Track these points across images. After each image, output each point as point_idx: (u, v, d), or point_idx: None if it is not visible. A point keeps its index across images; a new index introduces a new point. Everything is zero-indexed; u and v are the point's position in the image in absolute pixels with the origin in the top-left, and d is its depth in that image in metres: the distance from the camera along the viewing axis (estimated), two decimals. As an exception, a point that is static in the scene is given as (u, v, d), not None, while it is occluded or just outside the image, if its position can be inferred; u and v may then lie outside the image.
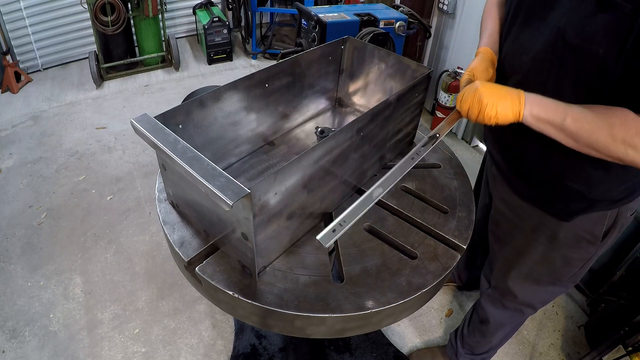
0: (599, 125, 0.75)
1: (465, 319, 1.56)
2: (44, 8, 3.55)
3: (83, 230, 2.25)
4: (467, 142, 3.07)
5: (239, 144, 1.13)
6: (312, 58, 1.22)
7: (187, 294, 1.94)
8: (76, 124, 3.12)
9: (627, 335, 1.43)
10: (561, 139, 0.80)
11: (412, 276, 0.89)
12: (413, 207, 1.05)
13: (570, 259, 1.10)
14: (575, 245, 1.06)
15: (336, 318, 0.81)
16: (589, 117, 0.76)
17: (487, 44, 1.04)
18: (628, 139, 0.73)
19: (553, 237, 1.07)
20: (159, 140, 0.76)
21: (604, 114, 0.76)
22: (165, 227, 0.95)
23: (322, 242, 0.74)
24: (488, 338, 1.46)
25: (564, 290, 1.25)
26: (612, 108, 0.75)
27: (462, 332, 1.56)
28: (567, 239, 1.06)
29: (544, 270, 1.16)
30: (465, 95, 0.87)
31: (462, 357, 1.57)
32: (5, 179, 2.57)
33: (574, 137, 0.78)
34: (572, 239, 1.05)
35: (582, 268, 1.12)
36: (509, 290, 1.27)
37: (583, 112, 0.77)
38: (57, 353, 1.70)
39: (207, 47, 3.94)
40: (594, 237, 1.03)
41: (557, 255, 1.10)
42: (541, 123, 0.81)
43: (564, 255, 1.09)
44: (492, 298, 1.37)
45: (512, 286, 1.26)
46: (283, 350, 1.67)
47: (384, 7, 2.76)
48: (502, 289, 1.30)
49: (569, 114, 0.77)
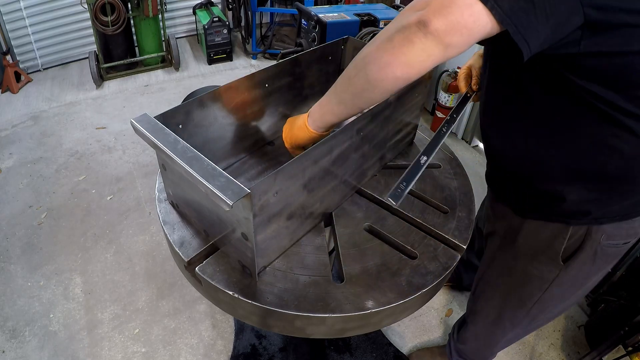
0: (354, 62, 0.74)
1: (456, 324, 1.56)
2: (44, 8, 3.55)
3: (83, 230, 2.25)
4: (467, 142, 3.07)
5: (239, 144, 1.13)
6: (312, 58, 1.22)
7: (187, 294, 1.94)
8: (76, 124, 3.12)
9: (627, 335, 1.43)
10: (350, 106, 0.79)
11: (412, 276, 0.89)
12: (413, 207, 1.05)
13: (531, 275, 1.02)
14: (533, 257, 0.99)
15: (336, 318, 0.81)
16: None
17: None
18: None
19: (513, 240, 1.01)
20: (159, 140, 0.76)
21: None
22: (165, 227, 0.95)
23: (393, 201, 0.74)
24: (465, 352, 1.47)
25: (531, 327, 1.16)
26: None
27: (454, 334, 1.56)
28: (526, 247, 1.00)
29: (506, 282, 1.11)
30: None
31: (456, 357, 1.57)
32: (5, 179, 2.57)
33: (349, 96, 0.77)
34: (530, 248, 0.99)
35: (545, 293, 1.02)
36: (473, 309, 1.28)
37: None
38: (57, 353, 1.70)
39: (207, 47, 3.94)
40: (553, 252, 0.94)
41: (518, 265, 1.04)
42: (326, 116, 0.85)
43: (524, 268, 1.02)
44: (469, 308, 1.37)
45: (478, 296, 1.25)
46: (283, 350, 1.67)
47: (384, 7, 2.77)
48: (468, 309, 1.32)
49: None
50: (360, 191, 1.10)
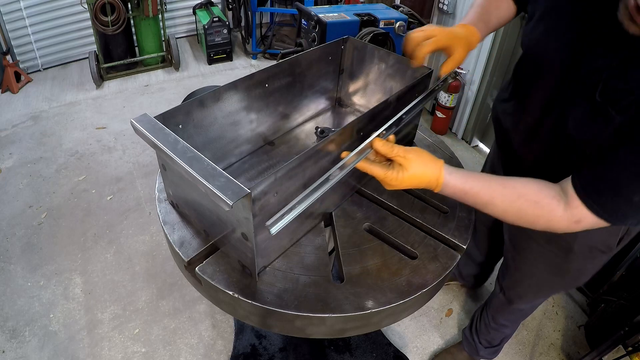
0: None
1: (476, 316, 1.61)
2: (44, 8, 3.55)
3: (83, 230, 2.25)
4: (467, 142, 3.07)
5: (239, 144, 1.13)
6: (312, 58, 1.22)
7: (187, 294, 1.94)
8: (76, 124, 3.12)
9: (627, 335, 1.43)
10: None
11: (412, 276, 0.89)
12: (413, 207, 1.05)
13: (585, 270, 1.10)
14: (589, 256, 1.05)
15: (336, 318, 0.81)
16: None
17: (475, 24, 0.99)
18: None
19: (568, 248, 1.05)
20: (159, 140, 0.76)
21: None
22: (165, 227, 0.95)
23: (270, 230, 0.67)
24: (501, 330, 1.51)
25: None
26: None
27: (476, 328, 1.59)
28: (582, 251, 1.04)
29: (556, 280, 1.15)
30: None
31: (483, 350, 1.61)
32: (5, 179, 2.57)
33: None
34: (586, 250, 1.04)
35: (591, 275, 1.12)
36: (519, 296, 1.30)
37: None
38: (57, 353, 1.70)
39: (207, 47, 3.94)
40: (608, 247, 1.01)
41: (571, 267, 1.09)
42: (457, 195, 0.83)
43: (578, 267, 1.09)
44: (501, 302, 1.40)
45: (523, 294, 1.28)
46: (283, 350, 1.67)
47: (384, 7, 2.76)
48: (512, 296, 1.33)
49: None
50: (360, 191, 1.10)
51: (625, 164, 0.69)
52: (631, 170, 0.68)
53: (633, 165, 0.67)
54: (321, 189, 0.73)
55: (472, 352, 1.65)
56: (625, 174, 0.69)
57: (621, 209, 0.72)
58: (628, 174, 0.68)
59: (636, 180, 0.68)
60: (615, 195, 0.71)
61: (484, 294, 2.03)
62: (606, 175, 0.71)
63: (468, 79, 2.90)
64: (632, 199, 0.70)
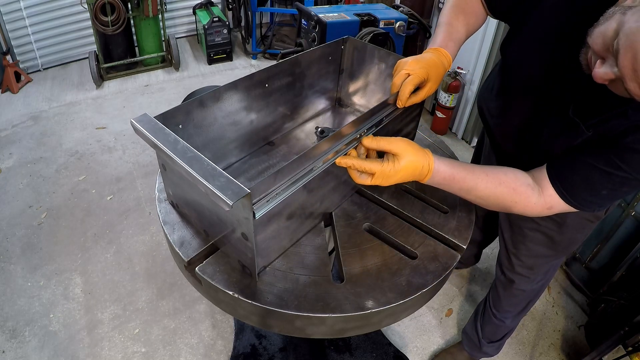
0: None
1: (479, 312, 1.61)
2: (44, 8, 3.55)
3: (83, 230, 2.25)
4: (467, 142, 3.08)
5: (239, 144, 1.13)
6: (312, 58, 1.22)
7: (187, 294, 1.94)
8: (76, 124, 3.12)
9: (627, 335, 1.43)
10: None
11: (412, 276, 0.89)
12: (413, 207, 1.05)
13: (575, 239, 1.20)
14: (579, 227, 1.14)
15: (336, 318, 0.81)
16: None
17: (445, 45, 1.00)
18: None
19: (562, 222, 1.13)
20: (159, 140, 0.76)
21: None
22: (165, 227, 0.95)
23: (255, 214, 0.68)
24: (504, 321, 1.52)
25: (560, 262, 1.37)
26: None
27: (481, 317, 1.59)
28: (574, 224, 1.13)
29: (550, 252, 1.24)
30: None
31: (485, 346, 1.60)
32: (5, 179, 2.57)
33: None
34: (578, 222, 1.12)
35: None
36: (519, 274, 1.34)
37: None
38: (57, 353, 1.70)
39: (207, 47, 3.94)
40: (596, 217, 1.12)
41: (564, 238, 1.18)
42: (447, 183, 0.88)
43: (570, 237, 1.18)
44: (503, 284, 1.42)
45: (521, 270, 1.32)
46: (283, 350, 1.67)
47: (384, 7, 2.76)
48: (512, 275, 1.36)
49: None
50: (360, 191, 1.10)
51: (594, 166, 0.79)
52: (601, 169, 0.78)
53: (602, 166, 0.78)
54: (306, 178, 0.77)
55: (474, 349, 1.65)
56: (596, 172, 0.79)
57: (591, 199, 0.83)
58: (599, 172, 0.79)
59: (604, 178, 0.79)
60: (587, 189, 0.81)
61: (484, 293, 2.03)
62: (579, 172, 0.81)
63: (468, 79, 2.90)
64: (601, 192, 0.81)
